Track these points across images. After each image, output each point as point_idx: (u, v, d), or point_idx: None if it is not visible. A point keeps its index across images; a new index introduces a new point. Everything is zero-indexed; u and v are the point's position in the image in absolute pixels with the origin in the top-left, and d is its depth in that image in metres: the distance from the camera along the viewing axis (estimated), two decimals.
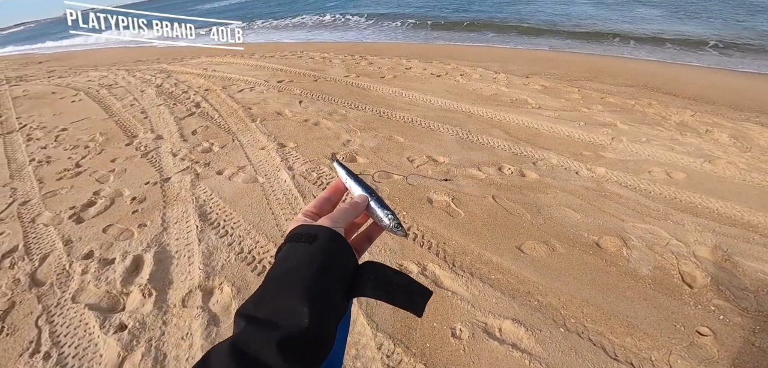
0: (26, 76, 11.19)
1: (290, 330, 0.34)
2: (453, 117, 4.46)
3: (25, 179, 3.95)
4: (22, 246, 2.86)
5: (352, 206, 0.52)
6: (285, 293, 0.38)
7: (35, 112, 6.37)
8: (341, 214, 0.49)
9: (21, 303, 2.35)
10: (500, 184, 3.07)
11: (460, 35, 11.49)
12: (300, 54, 9.17)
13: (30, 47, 31.60)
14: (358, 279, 0.44)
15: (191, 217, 2.90)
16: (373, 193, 0.54)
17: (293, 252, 0.43)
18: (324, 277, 0.40)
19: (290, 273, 0.40)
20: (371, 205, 0.53)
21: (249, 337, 0.34)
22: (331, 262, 0.42)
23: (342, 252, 0.44)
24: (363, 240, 0.54)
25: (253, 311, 0.37)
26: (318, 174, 3.35)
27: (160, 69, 8.81)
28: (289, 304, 0.37)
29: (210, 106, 5.39)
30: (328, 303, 0.39)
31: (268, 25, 19.47)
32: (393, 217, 0.52)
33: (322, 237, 0.44)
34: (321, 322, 0.37)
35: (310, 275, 0.39)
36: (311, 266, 0.40)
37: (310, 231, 0.45)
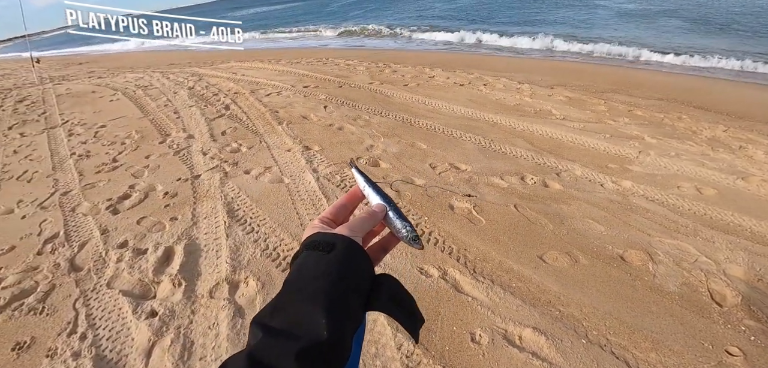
0: (68, 75, 11.85)
1: (308, 341, 0.34)
2: (476, 126, 4.47)
3: (66, 171, 4.20)
4: (63, 233, 3.05)
5: (370, 215, 0.51)
6: (303, 303, 0.37)
7: (77, 110, 6.76)
8: (359, 223, 0.48)
9: (60, 286, 2.51)
10: (522, 194, 3.06)
11: (482, 46, 11.46)
12: (325, 60, 9.37)
13: (71, 49, 33.39)
14: (376, 292, 0.43)
15: (220, 213, 3.03)
16: (391, 203, 0.53)
17: (310, 260, 0.42)
18: (342, 287, 0.39)
19: (308, 282, 0.39)
20: (389, 215, 0.52)
21: (267, 347, 0.34)
22: (349, 272, 0.41)
23: (360, 262, 0.43)
24: (378, 250, 0.53)
25: (270, 320, 0.36)
26: (341, 177, 3.43)
27: (192, 72, 9.18)
28: (307, 314, 0.36)
29: (239, 109, 5.59)
30: (345, 314, 0.38)
31: (287, 33, 19.95)
32: (411, 229, 0.51)
33: (340, 246, 0.43)
34: (339, 333, 0.36)
35: (328, 285, 0.38)
36: (329, 276, 0.39)
37: (328, 239, 0.44)
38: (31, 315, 2.30)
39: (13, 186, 4.02)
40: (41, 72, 13.44)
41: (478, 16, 17.19)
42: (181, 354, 1.92)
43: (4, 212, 3.53)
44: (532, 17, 16.40)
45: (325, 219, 0.50)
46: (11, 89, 10.50)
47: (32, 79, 11.78)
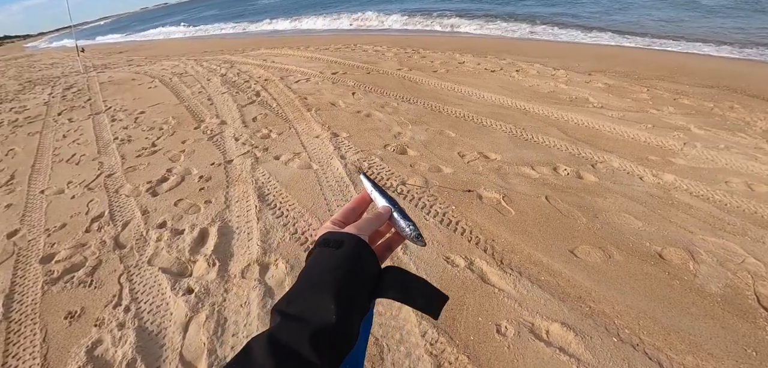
0: (110, 64, 12.48)
1: (320, 325, 0.39)
2: (507, 114, 4.35)
3: (110, 155, 4.46)
4: (108, 213, 3.25)
5: (376, 216, 0.56)
6: (316, 292, 0.42)
7: (118, 97, 7.12)
8: (366, 223, 0.53)
9: (106, 262, 2.69)
10: (554, 185, 2.97)
11: (514, 30, 11.03)
12: (353, 47, 9.36)
13: (112, 38, 35.09)
14: (381, 282, 0.48)
15: (251, 197, 3.13)
16: (396, 205, 0.58)
17: (322, 255, 0.47)
18: (350, 279, 0.44)
19: (320, 274, 0.45)
20: (394, 216, 0.57)
21: (285, 330, 0.39)
22: (357, 266, 0.46)
23: (366, 257, 0.48)
24: (385, 248, 0.58)
25: (287, 308, 0.42)
26: (369, 164, 3.45)
27: (224, 59, 9.43)
28: (320, 302, 0.41)
29: (269, 96, 5.71)
30: (353, 302, 0.43)
31: (313, 19, 19.99)
32: (414, 228, 0.56)
33: (348, 243, 0.48)
34: (347, 319, 0.41)
35: (337, 277, 0.43)
36: (339, 269, 0.45)
37: (338, 237, 0.49)
38: (81, 288, 2.48)
39: (64, 169, 4.32)
40: (85, 61, 14.24)
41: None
42: (216, 329, 2.02)
43: (56, 192, 3.80)
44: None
45: (336, 221, 0.55)
46: (59, 77, 11.21)
47: (78, 68, 12.52)
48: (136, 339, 2.02)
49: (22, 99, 8.68)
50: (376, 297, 0.48)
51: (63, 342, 2.10)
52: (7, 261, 2.86)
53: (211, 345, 1.93)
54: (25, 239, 3.10)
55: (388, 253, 0.58)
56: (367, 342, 0.47)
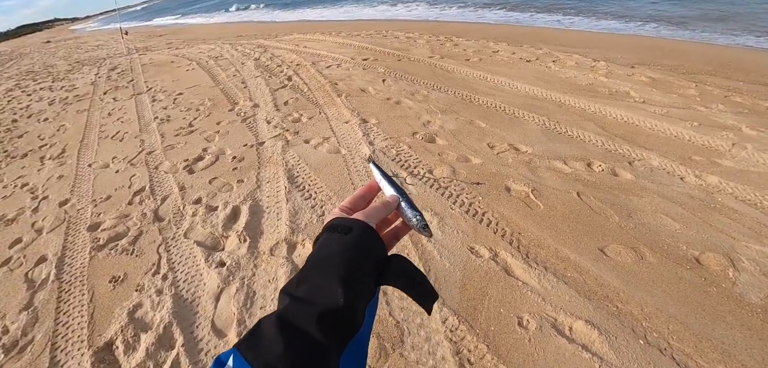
0: (151, 46, 13.03)
1: (327, 306, 0.40)
2: (541, 105, 4.22)
3: (151, 133, 4.69)
4: (149, 188, 3.44)
5: (384, 205, 0.57)
6: (323, 276, 0.44)
7: (158, 78, 7.45)
8: (374, 211, 0.54)
9: (147, 233, 2.86)
10: (587, 181, 2.87)
11: (552, 19, 10.56)
12: (385, 33, 9.31)
13: (152, 22, 36.55)
14: (387, 269, 0.49)
15: (281, 179, 3.22)
16: (403, 194, 0.59)
17: (331, 240, 0.49)
18: (356, 264, 0.45)
19: (328, 258, 0.46)
20: (401, 205, 0.58)
21: (293, 311, 0.40)
22: (363, 252, 0.47)
23: (373, 243, 0.49)
24: (392, 236, 0.59)
25: (296, 290, 0.43)
26: (397, 151, 3.46)
27: (258, 44, 9.63)
28: (327, 285, 0.42)
29: (300, 80, 5.80)
30: (359, 286, 0.44)
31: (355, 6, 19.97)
32: (420, 218, 0.57)
33: (356, 229, 0.49)
34: (353, 302, 0.42)
35: (344, 261, 0.45)
36: (345, 254, 0.46)
37: (346, 223, 0.50)
38: (124, 255, 2.66)
39: (109, 145, 4.60)
40: (129, 43, 14.94)
41: None
42: (245, 301, 2.12)
43: (102, 166, 4.06)
44: None
45: (345, 208, 0.56)
46: (105, 59, 11.83)
47: (121, 50, 13.17)
48: (172, 305, 2.16)
49: (72, 78, 9.26)
50: (382, 282, 0.49)
51: (108, 304, 2.28)
52: (59, 227, 3.10)
53: (240, 315, 2.03)
54: (75, 208, 3.35)
55: (395, 241, 0.59)
56: (371, 327, 0.48)
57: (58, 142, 5.01)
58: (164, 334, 2.00)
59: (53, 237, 2.99)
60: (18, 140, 5.42)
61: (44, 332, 2.16)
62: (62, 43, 23.43)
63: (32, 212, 3.43)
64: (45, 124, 5.90)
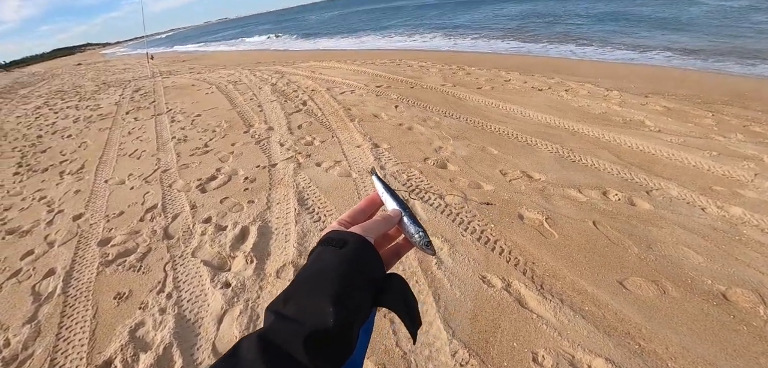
0: (174, 70, 13.50)
1: (315, 327, 0.36)
2: (553, 133, 4.17)
3: (167, 152, 4.78)
4: (161, 205, 3.47)
5: (385, 219, 0.53)
6: (313, 292, 0.39)
7: (179, 100, 7.66)
8: (373, 225, 0.50)
9: (155, 250, 2.86)
10: (603, 210, 2.78)
11: (563, 49, 10.60)
12: (398, 62, 9.47)
13: (177, 48, 38.16)
14: (385, 289, 0.45)
15: (291, 201, 3.21)
16: (406, 209, 0.55)
17: (324, 254, 0.44)
18: (351, 280, 0.41)
19: (320, 274, 0.42)
20: (404, 221, 0.54)
21: (278, 330, 0.36)
22: (358, 268, 0.43)
23: (370, 259, 0.45)
24: (392, 254, 0.54)
25: (283, 307, 0.39)
26: (408, 176, 3.43)
27: (276, 70, 9.89)
28: (316, 304, 0.38)
29: (315, 105, 5.89)
30: (353, 306, 0.40)
31: (368, 36, 20.52)
32: (423, 235, 0.53)
33: (352, 243, 0.45)
34: (345, 323, 0.38)
35: (337, 277, 0.40)
36: (339, 268, 0.41)
37: (341, 236, 0.46)
38: (131, 272, 2.65)
39: (126, 162, 4.69)
40: (153, 67, 15.55)
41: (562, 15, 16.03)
42: (247, 325, 2.06)
43: (118, 182, 4.13)
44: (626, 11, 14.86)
45: (343, 222, 0.52)
46: (130, 81, 12.29)
47: (146, 73, 13.68)
48: (174, 325, 2.12)
49: (97, 98, 9.62)
50: (378, 304, 0.44)
51: (110, 321, 2.25)
52: (70, 241, 3.13)
53: None
54: (88, 222, 3.39)
55: (396, 259, 0.54)
56: (365, 350, 0.43)
57: (78, 158, 5.14)
58: (164, 356, 1.95)
59: (64, 251, 3.02)
60: (41, 155, 5.59)
61: (45, 347, 2.13)
62: (92, 66, 24.55)
63: (46, 225, 3.48)
64: (68, 141, 6.09)
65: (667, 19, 13.04)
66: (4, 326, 2.35)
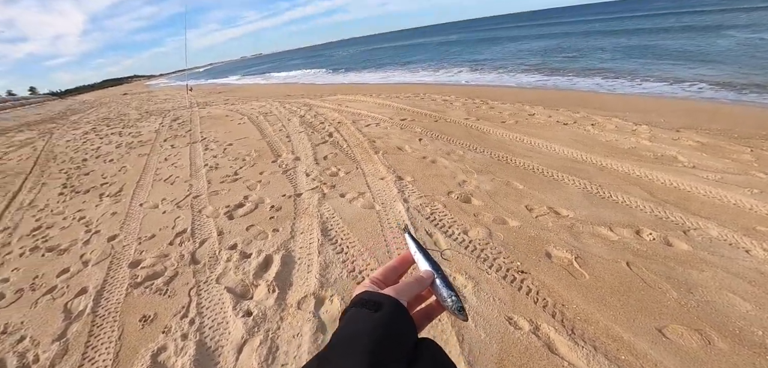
0: (210, 102, 14.21)
1: None
2: (581, 169, 4.06)
3: (199, 179, 4.96)
4: (190, 230, 3.57)
5: (418, 280, 0.53)
6: (348, 357, 0.40)
7: (213, 129, 8.02)
8: (406, 287, 0.50)
9: (182, 274, 2.92)
10: (637, 250, 2.64)
11: (591, 81, 10.44)
12: (422, 96, 9.61)
13: (214, 80, 40.34)
14: (418, 356, 0.44)
15: (315, 231, 3.23)
16: (439, 270, 0.55)
17: (358, 317, 0.45)
18: (386, 346, 0.41)
19: (353, 338, 0.42)
20: (436, 282, 0.53)
21: None
22: (393, 333, 0.43)
23: (404, 324, 0.45)
24: (423, 316, 0.54)
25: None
26: (431, 209, 3.40)
27: (304, 103, 10.23)
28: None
29: (340, 137, 6.02)
30: None
31: (392, 70, 21.04)
32: (456, 299, 0.52)
33: (386, 306, 0.45)
34: None
35: (372, 342, 0.41)
36: (373, 334, 0.42)
37: (376, 298, 0.46)
38: (157, 295, 2.71)
39: (161, 187, 4.90)
40: (191, 98, 16.45)
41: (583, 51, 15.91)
42: (267, 356, 2.05)
43: (152, 206, 4.30)
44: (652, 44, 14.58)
45: (375, 280, 0.53)
46: (170, 110, 13.01)
47: (185, 103, 14.47)
48: (195, 351, 2.13)
49: (139, 126, 10.22)
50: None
51: (134, 343, 2.29)
52: (104, 261, 3.26)
53: None
54: (121, 244, 3.52)
55: (427, 322, 0.54)
56: None
57: (117, 182, 5.42)
58: None
59: (96, 271, 3.13)
60: (84, 177, 5.94)
61: (70, 366, 2.18)
62: (137, 96, 26.27)
63: (83, 244, 3.64)
64: (109, 165, 6.45)
65: (695, 52, 12.72)
66: (36, 341, 2.44)
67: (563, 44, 21.07)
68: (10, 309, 2.84)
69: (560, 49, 19.17)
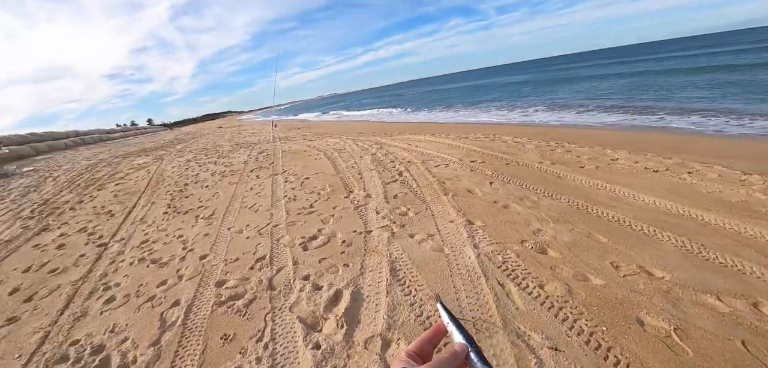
0: (290, 137, 15.43)
1: None
2: (677, 223, 3.62)
3: (279, 209, 5.35)
4: (269, 257, 3.83)
5: (452, 355, 0.54)
6: None
7: (292, 163, 8.66)
8: (441, 364, 0.52)
9: (259, 299, 3.12)
10: (756, 328, 2.25)
11: (685, 120, 9.29)
12: (492, 137, 9.43)
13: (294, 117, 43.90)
14: None
15: (384, 269, 3.28)
16: (473, 344, 0.55)
17: None
18: None
19: None
20: (470, 356, 0.54)
21: None
22: None
23: None
24: None
25: None
26: (503, 258, 3.27)
27: (376, 141, 10.64)
28: None
29: (410, 176, 6.12)
30: None
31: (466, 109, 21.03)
32: None
33: None
34: None
35: None
36: None
37: None
38: (238, 316, 2.93)
39: (246, 214, 5.37)
40: (276, 133, 18.04)
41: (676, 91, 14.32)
42: None
43: (237, 231, 4.72)
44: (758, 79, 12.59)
45: (411, 353, 0.55)
46: (256, 144, 14.39)
47: (269, 138, 15.93)
48: None
49: (231, 157, 11.45)
50: None
51: (214, 360, 2.49)
52: (195, 278, 3.62)
53: None
54: (210, 263, 3.90)
55: None
56: None
57: (210, 206, 6.08)
58: None
59: (189, 286, 3.50)
60: (185, 200, 6.76)
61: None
62: (229, 129, 29.62)
63: (180, 260, 4.11)
64: (205, 190, 7.28)
65: None
66: (136, 344, 2.77)
67: (646, 81, 19.33)
68: (118, 311, 3.28)
69: (645, 85, 17.60)
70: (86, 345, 2.85)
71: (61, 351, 2.82)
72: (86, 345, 2.84)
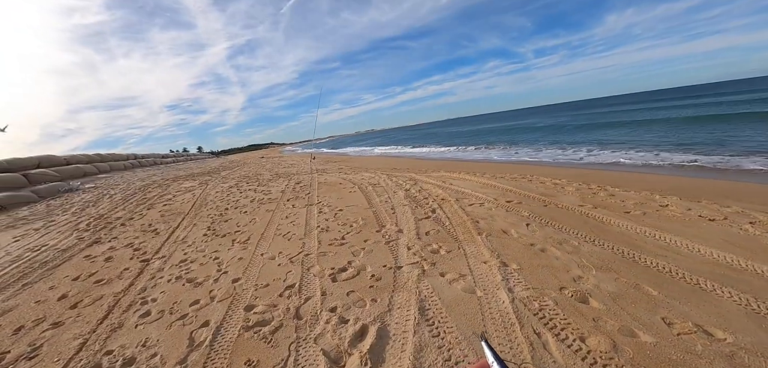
0: (327, 169, 15.83)
1: None
2: (739, 279, 3.26)
3: (311, 238, 5.42)
4: (298, 285, 3.85)
5: None
6: None
7: (327, 195, 8.83)
8: None
9: (285, 327, 3.11)
10: None
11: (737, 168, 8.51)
12: (530, 178, 9.15)
13: (331, 151, 45.23)
14: None
15: (412, 307, 3.19)
16: None
17: None
18: None
19: None
20: None
21: None
22: None
23: None
24: None
25: None
26: (540, 305, 3.08)
27: (409, 177, 10.66)
28: None
29: (443, 214, 6.03)
30: None
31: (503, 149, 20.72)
32: None
33: None
34: None
35: None
36: None
37: None
38: (263, 342, 2.93)
39: (280, 241, 5.48)
40: (313, 165, 18.60)
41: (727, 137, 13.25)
42: None
43: (270, 257, 4.81)
44: None
45: None
46: (294, 174, 14.88)
47: (307, 170, 16.44)
48: None
49: (270, 186, 11.88)
50: None
51: None
52: (226, 300, 3.69)
53: None
54: (242, 287, 3.97)
55: None
56: None
57: (246, 231, 6.27)
58: None
59: (219, 307, 3.56)
60: (224, 223, 7.03)
61: None
62: (270, 159, 31.00)
63: (213, 282, 4.22)
64: (243, 215, 7.54)
65: None
66: (164, 360, 2.83)
67: (699, 123, 18.16)
68: (152, 325, 3.39)
69: (696, 125, 16.49)
70: (119, 356, 2.95)
71: (95, 360, 2.94)
72: (118, 357, 2.94)
